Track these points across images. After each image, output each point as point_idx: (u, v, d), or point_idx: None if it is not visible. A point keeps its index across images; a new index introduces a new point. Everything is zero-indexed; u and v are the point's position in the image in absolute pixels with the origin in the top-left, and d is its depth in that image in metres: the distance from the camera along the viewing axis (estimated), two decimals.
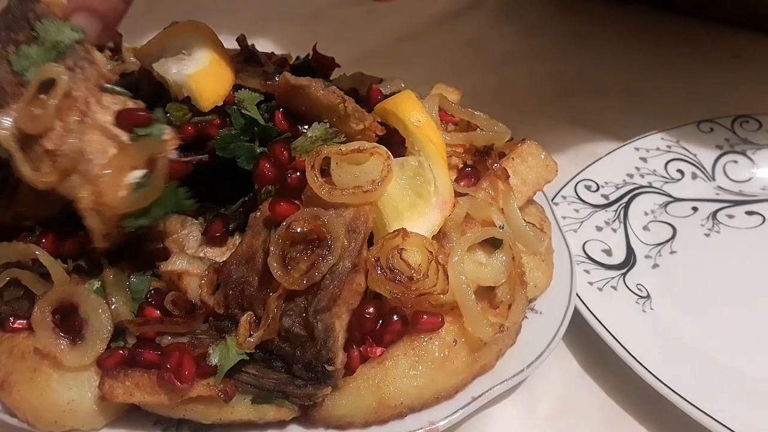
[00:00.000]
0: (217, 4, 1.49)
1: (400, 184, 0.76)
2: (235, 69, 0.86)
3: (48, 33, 0.71)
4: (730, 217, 0.95)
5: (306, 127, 0.79)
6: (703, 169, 1.00)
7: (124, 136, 0.72)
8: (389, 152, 0.74)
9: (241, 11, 1.46)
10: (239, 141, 0.78)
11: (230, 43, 1.00)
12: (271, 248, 0.68)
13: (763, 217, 0.94)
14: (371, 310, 0.70)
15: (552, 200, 0.96)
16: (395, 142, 0.81)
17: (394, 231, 0.71)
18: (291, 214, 0.69)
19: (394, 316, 0.70)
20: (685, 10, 1.37)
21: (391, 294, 0.69)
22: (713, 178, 0.99)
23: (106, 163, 0.70)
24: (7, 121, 0.69)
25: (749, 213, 0.95)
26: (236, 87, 0.84)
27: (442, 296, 0.71)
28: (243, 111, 0.78)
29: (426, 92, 0.95)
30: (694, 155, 1.01)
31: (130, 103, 0.76)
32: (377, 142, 0.81)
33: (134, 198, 0.70)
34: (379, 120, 0.81)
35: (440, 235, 0.77)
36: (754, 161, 1.00)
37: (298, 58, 1.02)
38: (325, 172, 0.73)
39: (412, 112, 0.79)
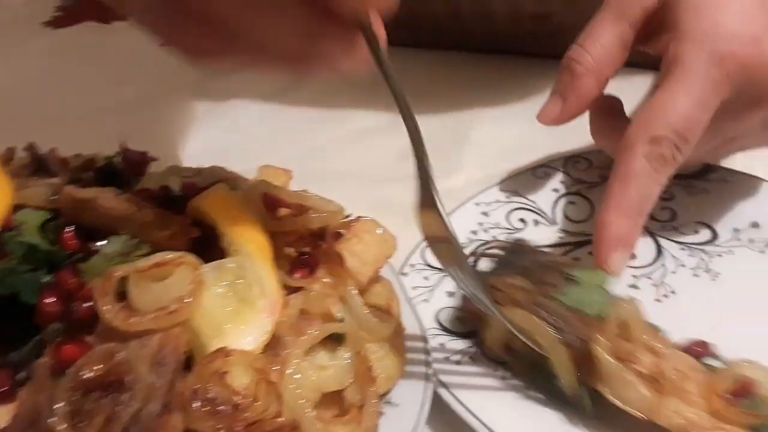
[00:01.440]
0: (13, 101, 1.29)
1: (218, 293, 0.64)
2: (15, 186, 0.72)
3: (585, 276, 0.76)
4: (576, 259, 0.90)
5: (103, 243, 0.67)
6: (543, 215, 0.96)
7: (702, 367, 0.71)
8: (197, 260, 0.62)
9: (46, 107, 1.29)
10: (19, 272, 0.64)
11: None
12: (55, 405, 0.54)
13: None
14: None
15: (401, 271, 0.88)
16: (217, 242, 0.71)
17: (213, 352, 0.60)
18: (80, 357, 0.56)
19: None
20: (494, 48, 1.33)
21: (214, 430, 0.57)
22: (555, 222, 0.95)
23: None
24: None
25: (592, 253, 0.90)
26: (18, 207, 0.70)
27: (278, 419, 0.59)
28: (20, 238, 0.64)
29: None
30: (534, 202, 0.96)
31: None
32: (195, 245, 0.70)
33: None
34: (192, 221, 0.70)
35: (274, 342, 0.66)
36: (589, 199, 0.97)
37: (108, 157, 0.89)
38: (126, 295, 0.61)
39: (224, 207, 0.68)
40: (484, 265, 0.87)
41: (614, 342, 0.70)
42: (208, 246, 0.70)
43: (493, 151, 1.17)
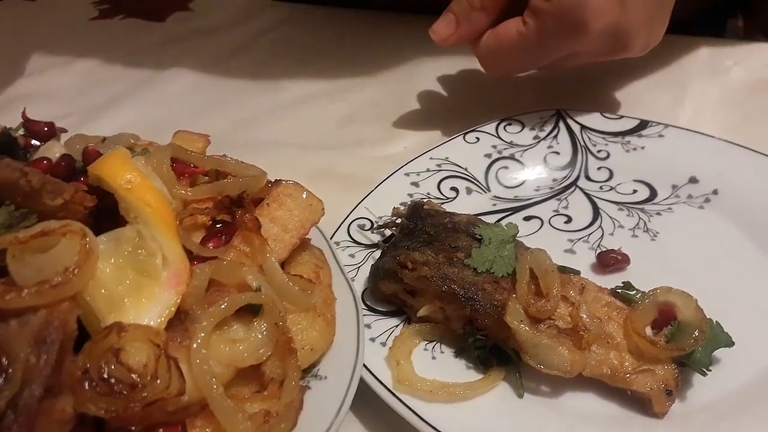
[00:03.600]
0: None
1: (116, 264, 0.57)
2: None
3: (490, 234, 0.73)
4: (501, 222, 0.84)
5: None
6: (476, 182, 0.90)
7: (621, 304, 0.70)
8: (85, 228, 0.55)
9: None
10: None
11: None
12: None
13: (541, 220, 0.86)
14: None
15: (334, 240, 0.81)
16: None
17: (106, 328, 0.53)
18: None
19: None
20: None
21: (108, 413, 0.50)
22: (488, 189, 0.90)
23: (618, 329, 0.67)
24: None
25: (527, 218, 0.86)
26: None
27: (183, 398, 0.53)
28: None
29: None
30: (465, 169, 0.91)
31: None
32: (95, 216, 0.63)
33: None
34: (87, 189, 0.62)
35: (182, 316, 0.59)
36: (523, 163, 0.93)
37: (5, 128, 0.80)
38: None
39: (120, 172, 0.61)
40: (386, 237, 0.82)
41: (528, 303, 0.66)
42: (114, 221, 0.63)
43: (432, 116, 1.13)
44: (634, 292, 0.70)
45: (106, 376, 0.50)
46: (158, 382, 0.51)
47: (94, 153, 0.70)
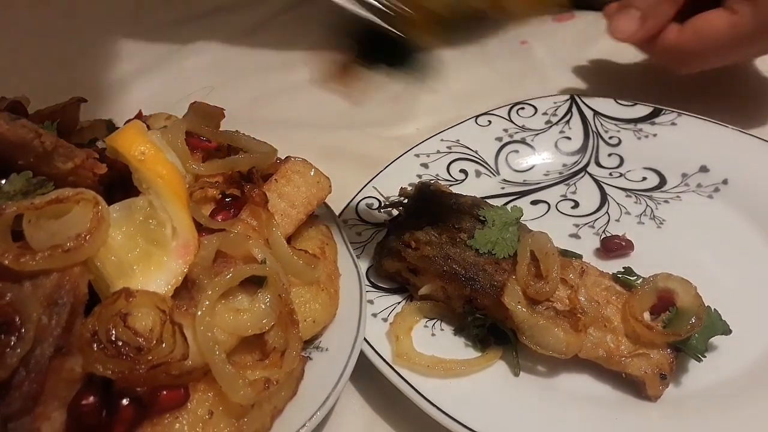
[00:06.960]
0: None
1: (127, 233, 0.59)
2: None
3: (494, 216, 0.73)
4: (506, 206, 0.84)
5: (3, 181, 0.61)
6: (486, 165, 0.90)
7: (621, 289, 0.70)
8: (98, 197, 0.57)
9: None
10: None
11: None
12: None
13: (548, 204, 0.86)
14: (90, 399, 0.52)
15: (342, 218, 0.82)
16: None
17: (115, 293, 0.55)
18: None
19: (123, 401, 0.52)
20: None
21: (114, 373, 0.52)
22: (497, 172, 0.90)
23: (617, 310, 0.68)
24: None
25: (534, 202, 0.86)
26: None
27: (186, 362, 0.55)
28: None
29: None
30: (476, 152, 0.91)
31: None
32: (110, 187, 0.65)
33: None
34: (98, 157, 0.64)
35: (189, 285, 0.61)
36: (534, 147, 0.92)
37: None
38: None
39: (135, 144, 0.62)
40: (393, 216, 0.82)
41: (528, 284, 0.66)
42: (127, 192, 0.64)
43: (448, 98, 1.12)
44: (635, 277, 0.70)
45: (113, 338, 0.52)
46: (163, 346, 0.53)
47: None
